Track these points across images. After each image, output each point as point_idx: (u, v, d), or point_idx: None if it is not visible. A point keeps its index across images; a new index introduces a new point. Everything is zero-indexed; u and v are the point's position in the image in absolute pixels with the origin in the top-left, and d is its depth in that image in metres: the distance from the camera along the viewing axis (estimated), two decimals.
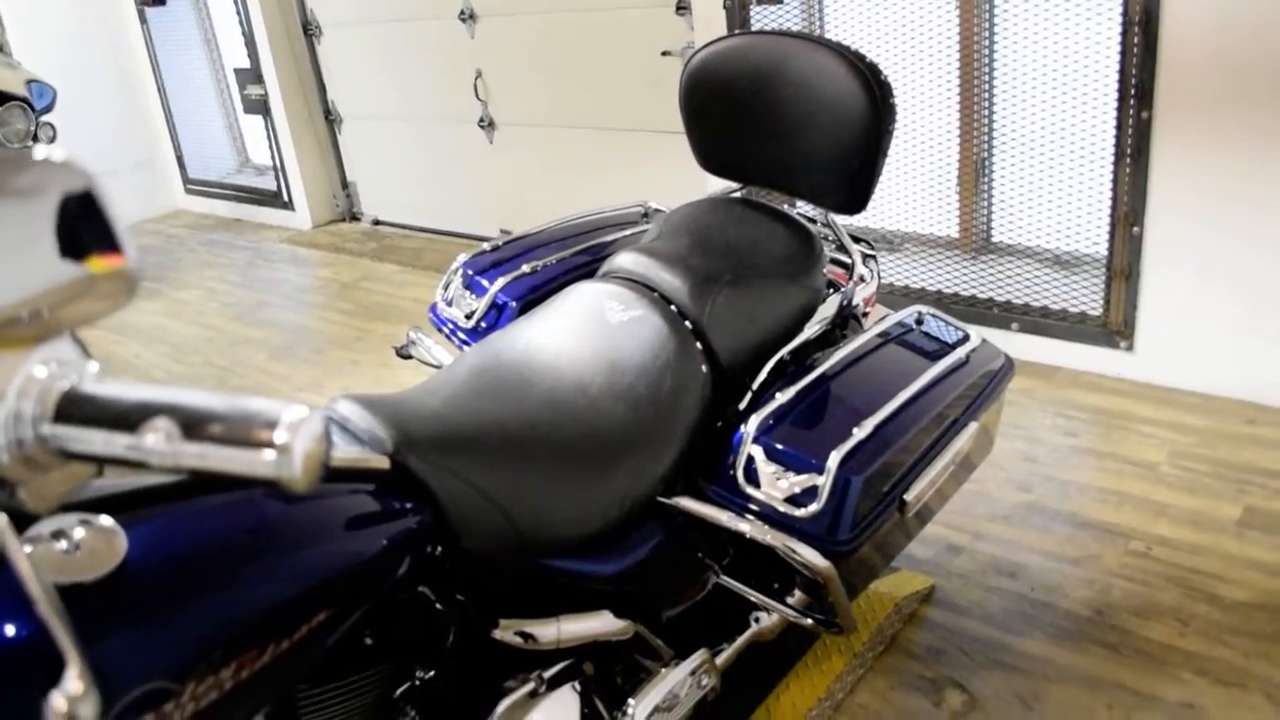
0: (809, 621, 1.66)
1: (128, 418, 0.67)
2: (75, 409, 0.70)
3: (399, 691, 1.32)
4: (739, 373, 1.72)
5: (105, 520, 0.89)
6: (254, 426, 0.65)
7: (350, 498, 1.20)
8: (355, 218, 5.97)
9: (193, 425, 0.66)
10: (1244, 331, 2.92)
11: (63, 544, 0.85)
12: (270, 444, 0.64)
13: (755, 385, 1.73)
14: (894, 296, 3.53)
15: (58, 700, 0.69)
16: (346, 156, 5.86)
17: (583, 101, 4.54)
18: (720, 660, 1.70)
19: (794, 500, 1.54)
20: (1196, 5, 2.72)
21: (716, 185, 2.14)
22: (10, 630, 0.79)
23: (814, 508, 1.53)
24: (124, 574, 0.89)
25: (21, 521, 0.78)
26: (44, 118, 4.80)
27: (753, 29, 3.61)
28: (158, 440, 0.66)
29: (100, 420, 0.69)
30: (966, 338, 1.90)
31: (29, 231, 0.65)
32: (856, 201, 1.84)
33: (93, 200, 0.68)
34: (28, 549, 0.77)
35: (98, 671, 0.73)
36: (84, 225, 0.67)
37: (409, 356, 2.11)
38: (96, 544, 0.87)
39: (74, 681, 0.69)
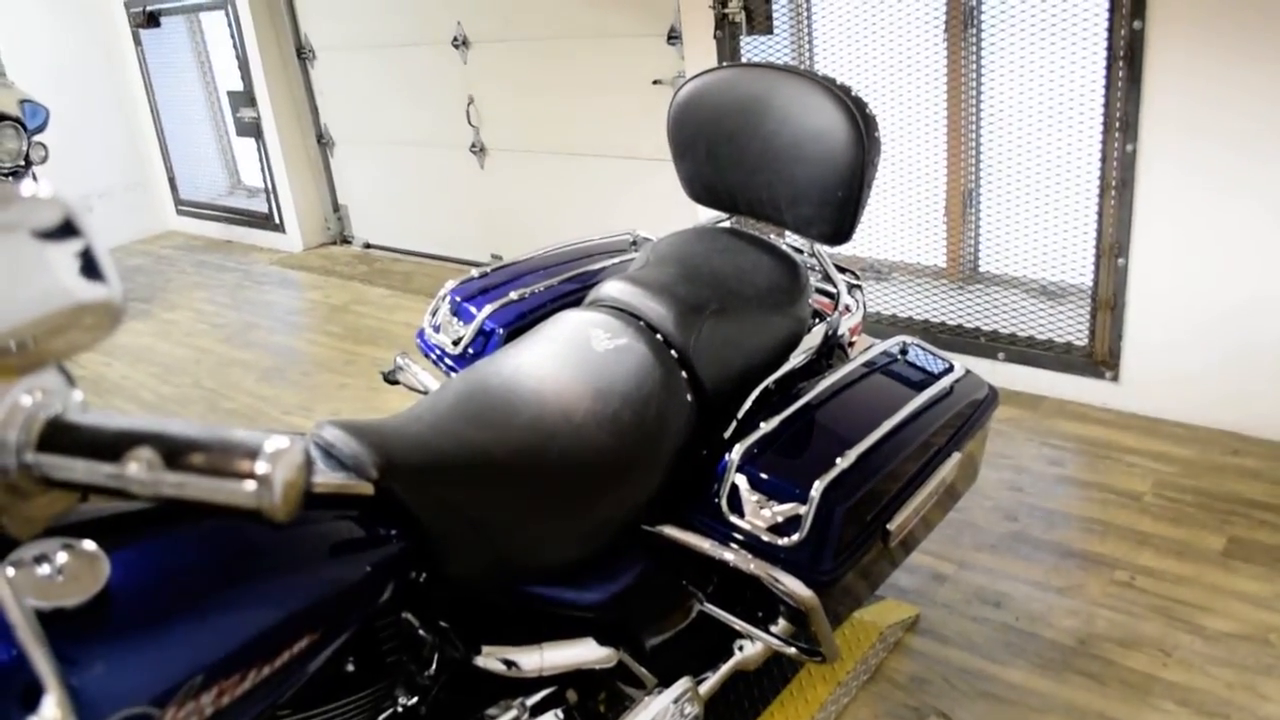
0: (792, 650, 1.67)
1: (110, 446, 0.68)
2: (59, 437, 0.70)
3: (381, 718, 1.32)
4: (724, 401, 1.73)
5: (88, 545, 0.89)
6: (235, 456, 0.66)
7: (334, 524, 1.21)
8: (346, 241, 5.98)
9: (174, 455, 0.66)
10: (1229, 363, 2.94)
11: (45, 568, 0.85)
12: (251, 474, 0.65)
13: (740, 414, 1.74)
14: (882, 325, 3.55)
15: None
16: (338, 180, 5.88)
17: (574, 129, 4.56)
18: (704, 688, 1.69)
19: (777, 529, 1.55)
20: (1180, 39, 2.75)
21: (706, 214, 2.16)
22: None
23: (797, 537, 1.53)
24: (107, 599, 0.89)
25: (3, 546, 0.79)
26: (36, 138, 4.81)
27: (741, 61, 3.64)
28: (139, 469, 0.67)
29: (83, 449, 0.69)
30: (951, 368, 1.92)
31: (15, 264, 0.66)
32: (842, 232, 1.85)
33: (78, 233, 0.69)
34: (10, 572, 0.78)
35: (79, 696, 0.74)
36: (69, 258, 0.68)
37: (396, 382, 2.12)
38: (79, 568, 0.87)
39: (52, 708, 0.70)
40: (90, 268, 0.69)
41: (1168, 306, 3.00)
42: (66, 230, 0.68)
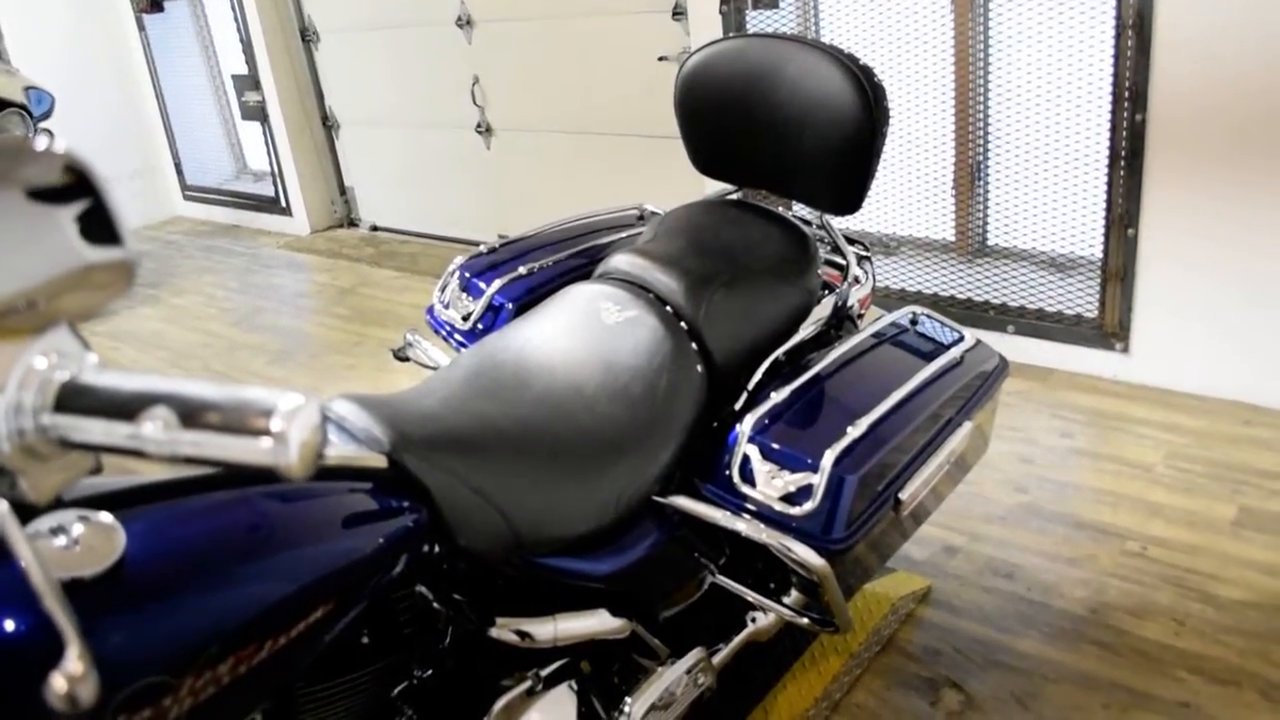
0: (805, 621, 1.67)
1: (126, 407, 0.68)
2: (75, 399, 0.70)
3: (396, 690, 1.32)
4: (734, 373, 1.73)
5: (104, 516, 0.89)
6: (250, 415, 0.65)
7: (347, 496, 1.21)
8: (353, 223, 5.98)
9: (190, 414, 0.66)
10: (1240, 333, 2.93)
11: (61, 539, 0.85)
12: (266, 431, 0.65)
13: (750, 385, 1.73)
14: (891, 299, 3.54)
15: (58, 680, 0.70)
16: (344, 162, 5.88)
17: (580, 107, 4.55)
18: (717, 660, 1.70)
19: (789, 499, 1.55)
20: (1189, 8, 2.73)
21: (713, 189, 2.15)
22: (10, 617, 0.80)
23: (809, 506, 1.53)
24: (122, 570, 0.89)
25: (20, 516, 0.79)
26: (42, 124, 4.81)
27: (748, 33, 3.62)
28: (156, 429, 0.66)
29: (100, 410, 0.69)
30: (961, 338, 1.91)
31: (27, 221, 0.66)
32: (851, 203, 1.85)
33: (92, 190, 0.68)
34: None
35: (96, 666, 0.74)
36: (82, 215, 0.68)
37: (406, 359, 2.12)
38: (95, 540, 0.88)
39: (74, 662, 0.70)
40: (103, 226, 0.69)
41: (1178, 277, 2.99)
42: (80, 187, 0.68)
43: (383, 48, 5.25)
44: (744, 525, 1.55)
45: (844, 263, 2.03)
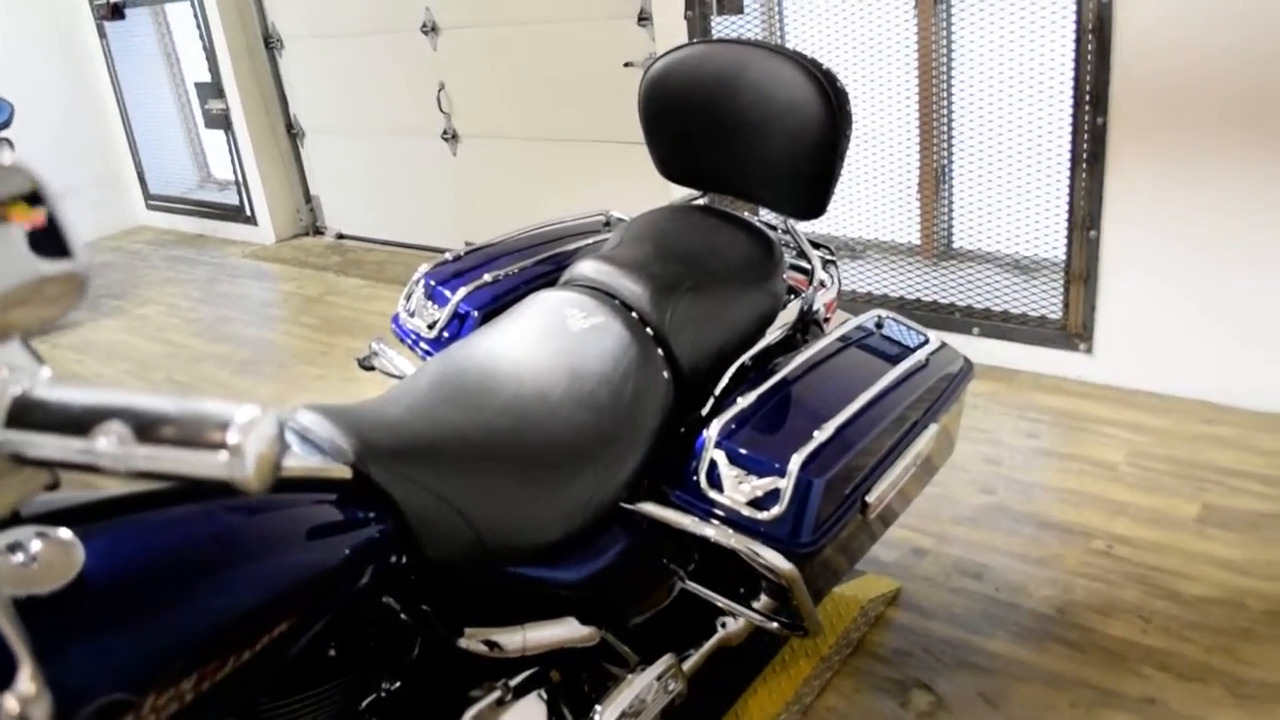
0: (775, 625, 1.67)
1: (80, 421, 0.67)
2: (28, 414, 0.69)
3: (364, 702, 1.31)
4: (701, 378, 1.73)
5: (63, 532, 0.88)
6: (206, 428, 0.65)
7: (312, 508, 1.20)
8: (319, 232, 5.94)
9: (145, 428, 0.66)
10: (1202, 332, 2.96)
11: (19, 556, 0.84)
12: (222, 445, 0.64)
13: (717, 390, 1.74)
14: (857, 303, 3.55)
15: (9, 702, 0.69)
16: (309, 170, 5.84)
17: (546, 113, 4.54)
18: (687, 666, 1.70)
19: (757, 503, 1.55)
20: (1148, 11, 2.77)
21: (679, 194, 2.16)
22: None
23: (776, 510, 1.53)
24: (81, 586, 0.88)
25: None
26: (2, 133, 4.75)
27: (712, 38, 3.63)
28: (110, 443, 0.66)
29: (53, 425, 0.68)
30: (926, 340, 1.92)
31: None
32: (815, 207, 1.85)
33: (41, 202, 0.68)
34: None
35: (55, 685, 0.73)
36: (33, 228, 0.67)
37: (372, 368, 2.11)
38: (53, 556, 0.86)
39: (26, 683, 0.69)
40: (54, 239, 0.68)
41: (1140, 278, 3.02)
42: (30, 200, 0.67)
43: (347, 55, 5.23)
44: (712, 531, 1.55)
45: (809, 267, 2.03)
